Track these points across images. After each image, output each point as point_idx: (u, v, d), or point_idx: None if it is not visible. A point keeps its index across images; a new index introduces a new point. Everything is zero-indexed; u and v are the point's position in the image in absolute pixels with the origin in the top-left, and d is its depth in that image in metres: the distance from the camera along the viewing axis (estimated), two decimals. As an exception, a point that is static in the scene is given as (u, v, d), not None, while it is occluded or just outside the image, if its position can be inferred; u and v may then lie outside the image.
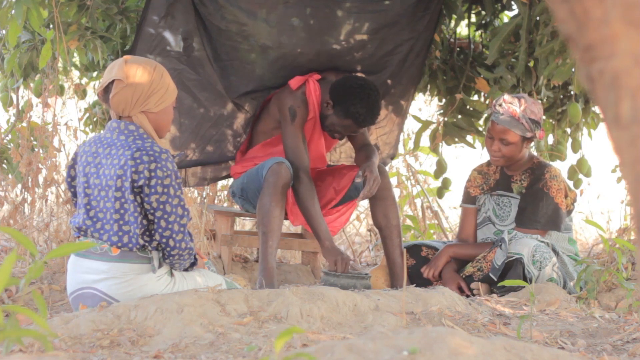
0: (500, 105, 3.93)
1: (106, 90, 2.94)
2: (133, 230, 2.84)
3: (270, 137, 4.21)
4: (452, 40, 5.18)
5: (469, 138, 5.22)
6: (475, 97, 5.30)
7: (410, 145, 5.80)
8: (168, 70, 4.04)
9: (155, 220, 2.83)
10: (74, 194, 3.05)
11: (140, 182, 2.78)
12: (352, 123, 4.01)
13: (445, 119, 5.13)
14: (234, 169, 4.36)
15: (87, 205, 2.91)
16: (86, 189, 2.93)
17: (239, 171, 4.27)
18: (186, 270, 3.03)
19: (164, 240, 2.85)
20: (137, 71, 2.88)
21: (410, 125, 6.06)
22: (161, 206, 2.80)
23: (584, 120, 5.20)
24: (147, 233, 2.86)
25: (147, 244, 2.87)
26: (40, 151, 4.64)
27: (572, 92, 5.02)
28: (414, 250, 4.23)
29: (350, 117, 3.98)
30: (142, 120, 2.91)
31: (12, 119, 5.17)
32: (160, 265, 2.91)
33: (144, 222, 2.84)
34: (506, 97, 3.93)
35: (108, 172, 2.85)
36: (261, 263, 3.79)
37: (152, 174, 2.78)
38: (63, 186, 4.65)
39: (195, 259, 3.04)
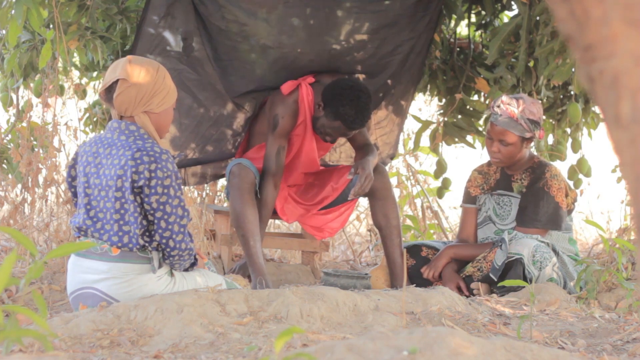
0: (498, 106, 3.93)
1: (109, 90, 2.94)
2: (133, 231, 2.83)
3: (263, 144, 4.21)
4: (452, 40, 5.18)
5: (469, 138, 5.22)
6: (475, 97, 5.30)
7: (410, 145, 5.80)
8: (168, 70, 4.04)
9: (155, 221, 2.83)
10: (75, 194, 3.05)
11: (141, 183, 2.78)
12: (341, 124, 3.97)
13: (445, 119, 5.13)
14: (231, 168, 4.37)
15: (87, 205, 2.91)
16: (86, 189, 2.92)
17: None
18: (186, 270, 3.03)
19: (164, 240, 2.84)
20: (141, 71, 2.88)
21: (410, 125, 6.06)
22: (161, 207, 2.80)
23: (584, 120, 5.20)
24: (147, 233, 2.86)
25: (147, 244, 2.86)
26: (40, 151, 4.64)
27: (572, 92, 5.02)
28: (414, 250, 4.23)
29: (339, 118, 3.95)
30: (144, 121, 2.91)
31: (12, 119, 5.17)
32: (160, 266, 2.91)
33: (144, 222, 2.84)
34: (504, 98, 3.94)
35: (108, 172, 2.85)
36: (250, 265, 3.82)
37: (153, 174, 2.78)
38: (63, 186, 4.65)
39: (196, 259, 3.04)
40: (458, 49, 5.18)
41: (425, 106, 6.24)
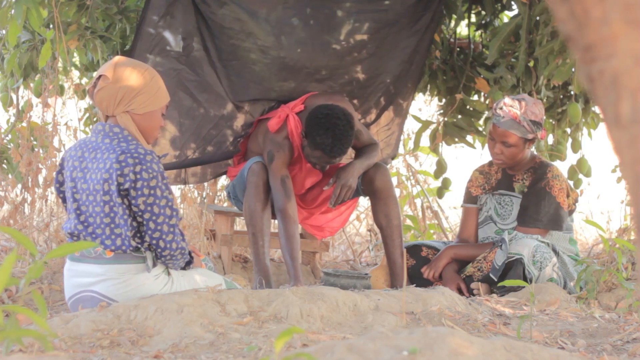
0: (500, 108, 3.93)
1: (94, 87, 2.92)
2: (124, 233, 2.82)
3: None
4: (452, 40, 5.18)
5: (469, 138, 5.22)
6: (475, 97, 5.30)
7: (410, 145, 5.80)
8: (167, 70, 4.05)
9: (144, 222, 2.81)
10: (64, 200, 3.02)
11: (126, 185, 2.76)
12: (322, 154, 3.86)
13: (445, 119, 5.13)
14: (231, 171, 4.36)
15: (77, 210, 2.89)
16: (75, 194, 2.90)
17: (234, 174, 4.28)
18: (183, 269, 3.02)
19: (154, 241, 2.83)
20: (125, 70, 2.85)
21: (410, 125, 6.06)
22: (149, 208, 2.78)
23: (584, 120, 5.20)
24: (139, 234, 2.84)
25: (139, 245, 2.85)
26: (40, 151, 4.64)
27: (572, 92, 5.02)
28: (414, 250, 4.23)
29: (318, 148, 3.84)
30: (126, 121, 2.87)
31: (12, 119, 5.18)
32: (154, 265, 2.89)
33: (134, 224, 2.82)
34: (507, 100, 3.94)
35: (95, 176, 2.83)
36: (255, 263, 3.81)
37: (138, 176, 2.76)
38: (63, 186, 4.65)
39: (191, 257, 3.02)
40: (458, 49, 5.18)
41: (425, 106, 6.24)
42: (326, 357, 1.63)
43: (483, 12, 5.09)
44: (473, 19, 5.20)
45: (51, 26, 4.47)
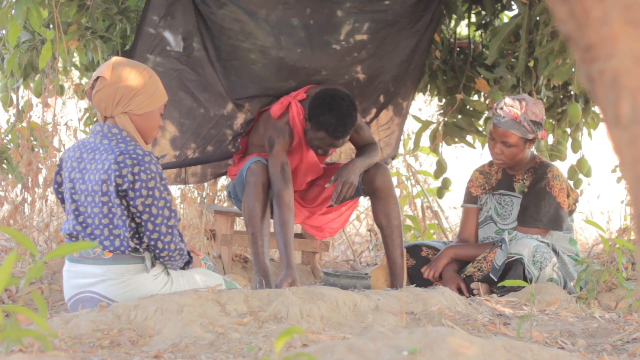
0: (501, 108, 3.93)
1: (92, 89, 2.92)
2: (123, 234, 2.82)
3: (261, 153, 4.19)
4: (452, 40, 5.18)
5: (469, 138, 5.22)
6: (475, 97, 5.30)
7: (410, 145, 5.80)
8: (168, 71, 4.06)
9: (143, 223, 2.80)
10: (62, 200, 3.02)
11: (125, 186, 2.76)
12: (325, 135, 3.85)
13: (445, 119, 5.13)
14: (231, 170, 4.36)
15: (75, 211, 2.89)
16: (73, 194, 2.90)
17: (234, 173, 4.28)
18: (182, 269, 3.01)
19: (152, 242, 2.83)
20: (123, 71, 2.85)
21: (410, 125, 6.07)
22: (147, 209, 2.78)
23: (584, 120, 5.20)
24: (137, 235, 2.84)
25: (138, 245, 2.85)
26: (40, 151, 4.64)
27: (572, 92, 5.02)
28: (414, 250, 4.23)
29: (322, 128, 3.84)
30: (124, 122, 2.87)
31: (12, 119, 5.18)
32: (153, 265, 2.89)
33: (133, 224, 2.82)
34: (507, 100, 3.94)
35: (93, 177, 2.83)
36: (255, 263, 3.81)
37: (136, 177, 2.75)
38: (63, 186, 4.65)
39: (190, 257, 3.02)
40: (458, 49, 5.19)
41: (425, 106, 6.24)
42: (326, 357, 1.63)
43: (483, 12, 5.09)
44: (473, 19, 5.20)
45: (51, 26, 4.47)
